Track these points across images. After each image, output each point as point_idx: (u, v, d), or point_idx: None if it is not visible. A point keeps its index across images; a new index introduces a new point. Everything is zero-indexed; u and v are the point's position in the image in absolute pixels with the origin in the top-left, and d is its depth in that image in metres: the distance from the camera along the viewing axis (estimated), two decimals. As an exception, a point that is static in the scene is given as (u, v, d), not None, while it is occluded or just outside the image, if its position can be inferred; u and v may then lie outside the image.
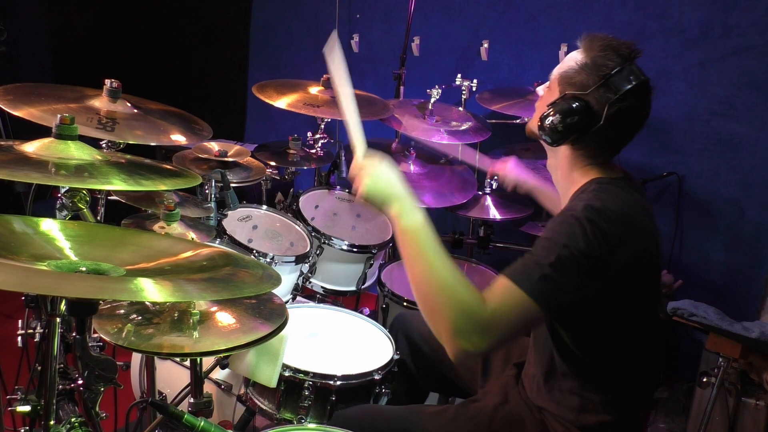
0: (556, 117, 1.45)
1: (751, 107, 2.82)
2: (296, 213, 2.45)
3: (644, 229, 1.45)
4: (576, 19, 3.10)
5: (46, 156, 1.30)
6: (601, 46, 1.43)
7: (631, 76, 1.40)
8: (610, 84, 1.40)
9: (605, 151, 1.50)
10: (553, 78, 1.52)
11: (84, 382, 1.29)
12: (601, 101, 1.41)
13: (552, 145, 1.51)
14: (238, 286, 1.15)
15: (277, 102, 2.45)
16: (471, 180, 2.82)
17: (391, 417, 1.65)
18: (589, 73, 1.42)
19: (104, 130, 1.68)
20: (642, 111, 1.45)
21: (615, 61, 1.41)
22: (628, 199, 1.45)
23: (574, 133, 1.45)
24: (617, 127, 1.44)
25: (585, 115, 1.42)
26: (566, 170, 1.54)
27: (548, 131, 1.48)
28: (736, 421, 2.36)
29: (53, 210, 1.61)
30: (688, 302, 2.35)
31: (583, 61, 1.45)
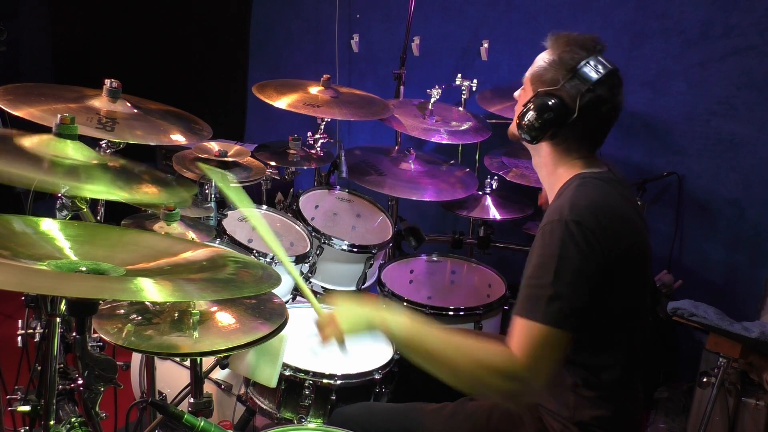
0: (532, 114, 1.48)
1: (751, 107, 2.82)
2: (296, 213, 2.45)
3: (629, 220, 1.47)
4: (576, 19, 3.10)
5: (43, 152, 1.30)
6: (565, 42, 1.49)
7: (598, 66, 1.45)
8: (578, 76, 1.45)
9: (585, 143, 1.53)
10: (526, 79, 1.56)
11: (84, 382, 1.29)
12: (573, 93, 1.45)
13: (532, 142, 1.54)
14: (238, 286, 1.15)
15: (276, 102, 2.45)
16: (471, 180, 2.82)
17: (390, 414, 1.65)
18: (558, 68, 1.47)
19: (104, 130, 1.68)
20: (614, 99, 1.48)
21: (580, 54, 1.46)
22: (612, 192, 1.48)
23: (550, 127, 1.48)
24: (592, 117, 1.47)
25: (559, 109, 1.46)
26: (550, 167, 1.57)
27: (526, 129, 1.51)
28: (736, 421, 2.36)
29: (53, 210, 1.61)
30: (688, 302, 2.34)
31: (550, 59, 1.50)
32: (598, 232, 1.36)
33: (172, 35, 4.10)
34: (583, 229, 1.36)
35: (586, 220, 1.37)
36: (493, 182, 2.84)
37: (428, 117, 2.82)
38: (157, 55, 4.11)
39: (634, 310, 1.50)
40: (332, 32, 3.69)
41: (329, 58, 3.73)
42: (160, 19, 4.13)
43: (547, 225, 1.42)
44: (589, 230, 1.36)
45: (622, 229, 1.42)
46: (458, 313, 2.30)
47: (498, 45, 3.25)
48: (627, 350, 1.51)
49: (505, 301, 2.43)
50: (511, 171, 2.83)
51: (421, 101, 2.89)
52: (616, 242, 1.39)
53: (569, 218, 1.37)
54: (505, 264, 2.98)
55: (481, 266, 2.66)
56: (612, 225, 1.40)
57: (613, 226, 1.40)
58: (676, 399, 2.73)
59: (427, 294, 2.66)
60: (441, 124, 2.80)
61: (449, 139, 2.76)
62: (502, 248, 2.90)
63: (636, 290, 1.50)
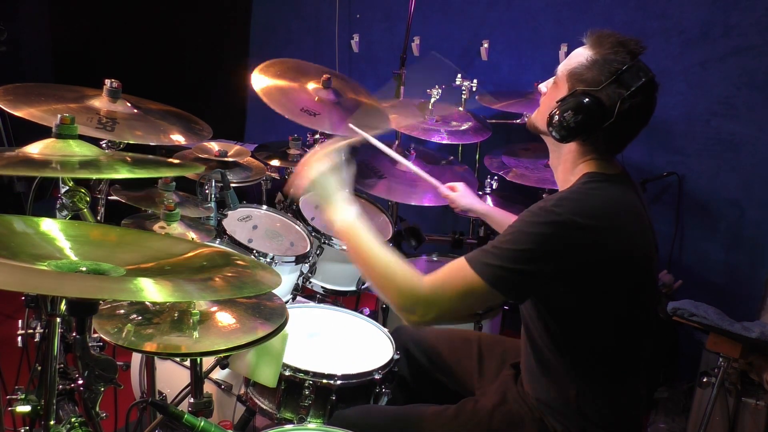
0: (568, 113, 1.45)
1: (751, 107, 2.82)
2: (296, 213, 2.45)
3: (624, 229, 1.44)
4: (576, 19, 3.10)
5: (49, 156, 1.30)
6: (611, 43, 1.44)
7: (640, 73, 1.42)
8: (621, 81, 1.41)
9: (612, 147, 1.51)
10: (560, 74, 1.52)
11: (84, 382, 1.29)
12: (613, 97, 1.41)
13: (561, 141, 1.50)
14: (238, 286, 1.15)
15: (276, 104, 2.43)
16: (471, 180, 2.81)
17: (391, 417, 1.65)
18: (600, 69, 1.43)
19: (104, 130, 1.68)
20: (650, 107, 1.46)
21: (625, 58, 1.42)
22: (618, 198, 1.46)
23: (585, 128, 1.45)
24: (627, 123, 1.45)
25: (596, 112, 1.43)
26: (569, 165, 1.54)
27: (558, 127, 1.47)
28: (736, 421, 2.36)
29: (53, 210, 1.61)
30: (688, 302, 2.34)
31: (593, 58, 1.45)
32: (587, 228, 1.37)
33: (173, 35, 4.10)
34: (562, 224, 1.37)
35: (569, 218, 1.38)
36: (493, 182, 2.84)
37: (428, 117, 2.82)
38: (157, 55, 4.11)
39: (637, 309, 1.50)
40: (332, 32, 3.69)
41: (329, 58, 3.73)
42: (160, 19, 4.13)
43: (536, 207, 1.43)
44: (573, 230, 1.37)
45: (611, 237, 1.41)
46: (458, 313, 2.29)
47: (498, 45, 3.25)
48: (632, 352, 1.51)
49: (505, 302, 2.42)
50: (511, 171, 2.83)
51: (421, 101, 2.89)
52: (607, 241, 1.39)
53: (554, 209, 1.39)
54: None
55: (481, 266, 2.66)
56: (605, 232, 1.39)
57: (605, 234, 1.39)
58: (676, 399, 2.73)
59: (427, 294, 2.66)
60: (441, 124, 2.80)
61: (449, 139, 2.75)
62: (502, 248, 2.90)
63: (638, 291, 1.49)
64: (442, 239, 2.94)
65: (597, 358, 1.49)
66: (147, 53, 4.10)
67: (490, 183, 2.84)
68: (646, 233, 1.50)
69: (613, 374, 1.51)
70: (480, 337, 1.95)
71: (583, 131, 1.45)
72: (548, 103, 1.54)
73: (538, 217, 1.40)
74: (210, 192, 2.11)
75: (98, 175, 1.33)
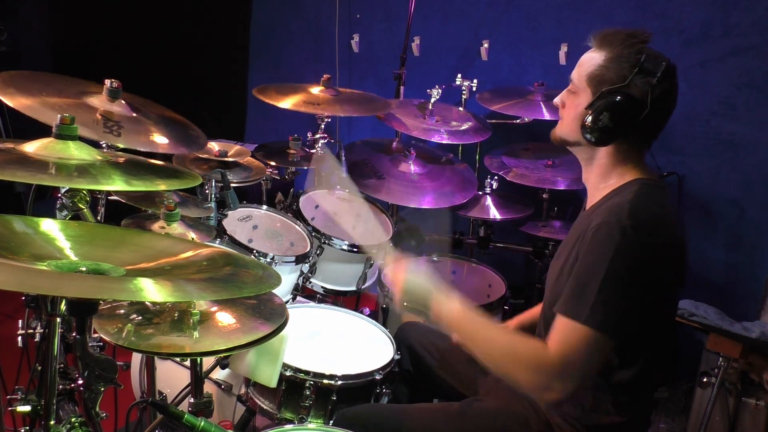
0: (603, 115, 1.43)
1: (751, 107, 2.81)
2: (296, 213, 2.45)
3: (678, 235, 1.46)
4: (576, 19, 3.10)
5: (46, 156, 1.30)
6: (621, 39, 1.44)
7: (659, 59, 1.42)
8: (645, 70, 1.41)
9: (646, 140, 1.51)
10: (578, 81, 1.50)
11: (84, 382, 1.29)
12: (643, 88, 1.41)
13: (601, 144, 1.48)
14: (238, 286, 1.15)
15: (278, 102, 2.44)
16: (471, 180, 2.82)
17: (395, 415, 1.65)
18: (620, 65, 1.42)
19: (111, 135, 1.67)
20: (675, 90, 1.46)
21: (641, 48, 1.42)
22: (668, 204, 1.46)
23: (624, 126, 1.43)
24: (661, 111, 1.45)
25: (631, 106, 1.42)
26: (605, 168, 1.52)
27: (596, 132, 1.45)
28: (736, 421, 2.36)
29: (53, 210, 1.61)
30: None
31: (608, 56, 1.44)
32: (654, 242, 1.35)
33: (173, 35, 4.10)
34: (642, 238, 1.34)
35: (646, 231, 1.35)
36: (493, 182, 2.84)
37: (428, 117, 2.82)
38: (157, 54, 4.10)
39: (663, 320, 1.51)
40: (332, 32, 3.69)
41: (329, 58, 3.73)
42: (161, 19, 4.13)
43: (603, 224, 1.38)
44: (646, 238, 1.34)
45: (673, 243, 1.41)
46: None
47: (498, 45, 3.25)
48: (652, 357, 1.51)
49: (505, 301, 2.43)
50: (511, 171, 2.83)
51: (422, 101, 2.89)
52: (666, 255, 1.39)
53: (628, 223, 1.35)
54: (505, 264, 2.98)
55: (481, 266, 2.66)
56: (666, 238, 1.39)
57: (667, 239, 1.39)
58: (676, 399, 2.73)
59: (427, 294, 2.66)
60: (441, 124, 2.80)
61: (449, 139, 2.75)
62: (502, 248, 2.90)
63: (672, 302, 1.52)
64: (442, 239, 2.94)
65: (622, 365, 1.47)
66: (147, 53, 4.09)
67: (490, 183, 2.84)
68: (685, 240, 1.51)
69: (630, 380, 1.49)
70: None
71: (622, 129, 1.44)
72: (573, 113, 1.51)
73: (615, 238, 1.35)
74: (210, 192, 2.11)
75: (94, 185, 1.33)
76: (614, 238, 1.34)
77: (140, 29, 4.16)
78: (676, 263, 1.43)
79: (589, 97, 1.47)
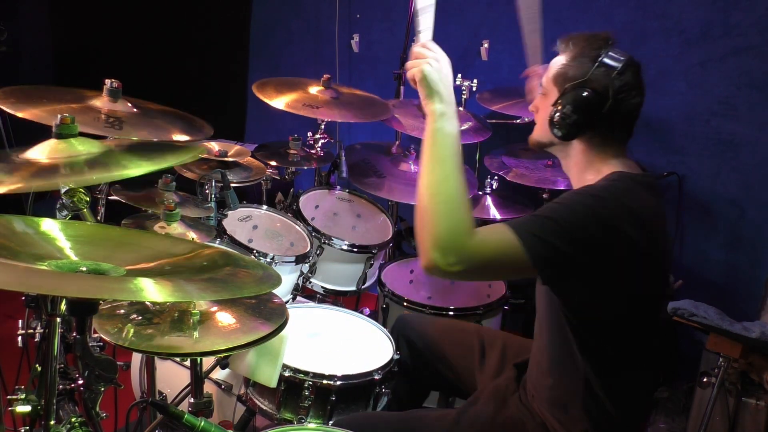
0: (567, 108, 1.46)
1: (751, 107, 2.81)
2: (296, 213, 2.45)
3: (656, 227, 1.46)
4: (576, 19, 3.10)
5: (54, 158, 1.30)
6: (583, 38, 1.50)
7: (619, 54, 1.46)
8: (604, 64, 1.45)
9: (618, 135, 1.51)
10: (546, 84, 1.55)
11: (84, 382, 1.29)
12: (604, 80, 1.44)
13: (568, 138, 1.51)
14: (238, 286, 1.15)
15: (275, 101, 2.44)
16: (471, 180, 2.82)
17: (391, 422, 1.65)
18: (582, 61, 1.47)
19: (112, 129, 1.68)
20: (640, 85, 1.48)
21: (601, 44, 1.47)
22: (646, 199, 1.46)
23: (588, 119, 1.46)
24: (625, 102, 1.46)
25: (593, 98, 1.45)
26: (582, 165, 1.54)
27: (561, 125, 1.48)
28: (736, 421, 2.36)
29: (53, 210, 1.61)
30: (688, 302, 2.34)
31: (571, 56, 1.50)
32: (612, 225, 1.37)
33: (173, 35, 4.10)
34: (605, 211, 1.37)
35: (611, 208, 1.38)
36: (493, 182, 2.84)
37: (428, 117, 2.81)
38: (157, 55, 4.10)
39: (648, 315, 1.50)
40: (332, 32, 3.69)
41: (329, 58, 3.73)
42: (160, 19, 4.13)
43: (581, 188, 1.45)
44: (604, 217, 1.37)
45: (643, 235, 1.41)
46: (458, 313, 2.30)
47: (498, 45, 3.25)
48: (641, 354, 1.51)
49: (505, 301, 2.43)
50: (511, 171, 2.83)
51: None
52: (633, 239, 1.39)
53: (602, 194, 1.40)
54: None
55: (481, 266, 2.66)
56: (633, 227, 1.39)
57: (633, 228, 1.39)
58: (676, 399, 2.73)
59: (427, 294, 2.66)
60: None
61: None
62: (502, 248, 2.90)
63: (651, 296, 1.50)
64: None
65: (611, 355, 1.49)
66: (147, 53, 4.09)
67: (490, 183, 2.84)
68: (666, 238, 1.52)
69: (623, 372, 1.50)
70: (480, 330, 1.95)
71: (587, 122, 1.46)
72: (543, 113, 1.56)
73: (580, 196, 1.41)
74: (210, 192, 2.11)
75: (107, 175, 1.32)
76: (579, 196, 1.41)
77: (140, 29, 4.16)
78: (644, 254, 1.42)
79: (556, 96, 1.51)
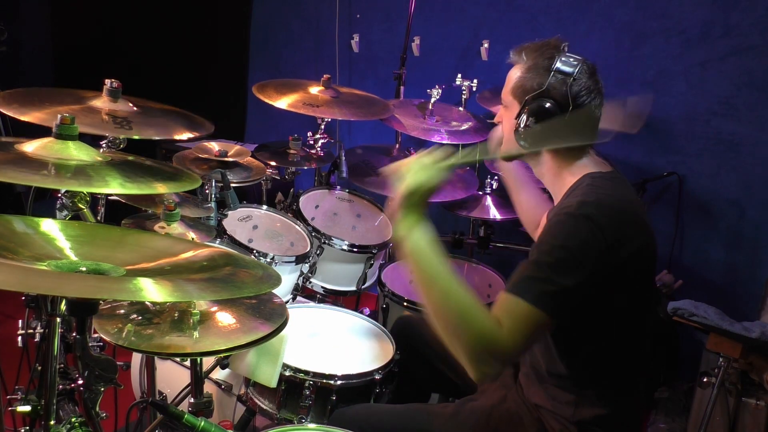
0: (530, 120, 1.49)
1: (751, 107, 2.82)
2: (296, 213, 2.45)
3: (640, 223, 1.47)
4: (576, 19, 3.10)
5: (45, 156, 1.30)
6: (533, 49, 1.52)
7: (571, 59, 1.48)
8: (559, 71, 1.47)
9: (583, 137, 1.53)
10: (506, 98, 1.58)
11: (84, 382, 1.29)
12: (561, 88, 1.47)
13: (536, 148, 1.54)
14: (238, 286, 1.15)
15: (277, 102, 2.44)
16: (471, 180, 2.82)
17: (391, 415, 1.65)
18: (537, 72, 1.49)
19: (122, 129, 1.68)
20: (597, 85, 1.50)
21: (552, 53, 1.49)
22: (622, 193, 1.48)
23: (551, 128, 1.48)
24: (585, 106, 1.48)
25: (553, 107, 1.47)
26: (554, 171, 1.56)
27: (526, 137, 1.52)
28: (736, 421, 2.36)
29: (53, 210, 1.61)
30: (688, 302, 2.35)
31: (525, 68, 1.52)
32: (606, 229, 1.36)
33: (173, 35, 4.10)
34: (592, 224, 1.36)
35: (596, 217, 1.37)
36: (493, 182, 2.84)
37: (428, 117, 2.82)
38: (157, 55, 4.10)
39: (639, 309, 1.50)
40: (332, 32, 3.69)
41: (329, 58, 3.73)
42: (161, 19, 4.13)
43: (555, 216, 1.42)
44: (597, 226, 1.36)
45: (632, 230, 1.42)
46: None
47: (498, 45, 3.25)
48: (630, 349, 1.52)
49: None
50: (511, 171, 2.82)
51: (422, 101, 2.89)
52: (624, 242, 1.38)
53: (579, 212, 1.38)
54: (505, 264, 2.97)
55: (481, 266, 2.66)
56: (621, 225, 1.40)
57: (622, 226, 1.40)
58: (676, 399, 2.73)
59: (428, 294, 2.66)
60: (441, 124, 2.80)
61: (449, 139, 2.75)
62: (502, 248, 2.90)
63: (642, 290, 1.50)
64: (442, 239, 2.93)
65: (597, 362, 1.49)
66: (147, 53, 4.09)
67: (490, 183, 2.84)
68: (648, 230, 1.51)
69: (612, 377, 1.51)
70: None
71: (551, 131, 1.49)
72: (507, 126, 1.59)
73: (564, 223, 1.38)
74: (210, 192, 2.11)
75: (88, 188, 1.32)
76: (566, 225, 1.38)
77: (140, 29, 4.16)
78: (640, 249, 1.42)
79: (517, 108, 1.53)
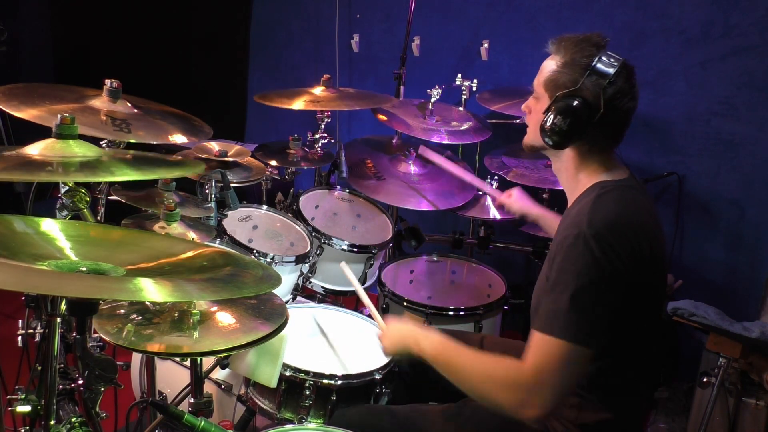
0: (558, 118, 1.46)
1: (751, 107, 2.82)
2: (296, 213, 2.45)
3: (648, 231, 1.45)
4: (576, 19, 3.10)
5: (49, 157, 1.30)
6: (573, 43, 1.48)
7: (612, 60, 1.45)
8: (596, 72, 1.44)
9: (608, 141, 1.52)
10: (538, 88, 1.56)
11: (84, 382, 1.29)
12: (595, 90, 1.44)
13: (559, 147, 1.52)
14: (238, 286, 1.15)
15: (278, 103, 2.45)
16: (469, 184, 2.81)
17: (392, 416, 1.65)
18: (573, 68, 1.46)
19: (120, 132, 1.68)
20: (633, 90, 1.48)
21: (592, 51, 1.45)
22: (631, 202, 1.46)
23: (578, 128, 1.46)
24: (616, 111, 1.46)
25: (584, 108, 1.44)
26: (571, 171, 1.55)
27: (552, 134, 1.49)
28: (736, 421, 2.36)
29: (53, 210, 1.61)
30: (688, 302, 2.35)
31: (562, 62, 1.49)
32: (617, 246, 1.36)
33: (173, 35, 4.10)
34: (604, 244, 1.35)
35: (606, 235, 1.36)
36: (493, 182, 2.83)
37: (428, 117, 2.82)
38: (157, 55, 4.10)
39: (646, 316, 1.50)
40: (332, 32, 3.69)
41: (329, 58, 3.73)
42: (161, 19, 4.13)
43: (566, 239, 1.40)
44: (608, 245, 1.35)
45: (640, 239, 1.41)
46: (458, 313, 2.30)
47: (498, 45, 3.25)
48: (635, 354, 1.51)
49: (505, 301, 2.43)
50: (511, 171, 2.83)
51: (422, 101, 2.89)
52: (635, 255, 1.38)
53: (588, 233, 1.36)
54: (505, 264, 2.98)
55: (481, 266, 2.66)
56: (629, 237, 1.39)
57: (630, 238, 1.39)
58: (676, 399, 2.73)
59: (427, 294, 2.66)
60: (441, 124, 2.80)
61: (449, 139, 2.75)
62: (502, 248, 2.90)
63: (651, 298, 1.50)
64: (442, 239, 2.94)
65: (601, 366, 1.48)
66: (147, 53, 4.09)
67: (490, 183, 2.83)
68: (660, 235, 1.51)
69: (615, 381, 1.50)
70: (483, 338, 1.95)
71: (577, 131, 1.47)
72: (535, 118, 1.56)
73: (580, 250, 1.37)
74: (210, 192, 2.11)
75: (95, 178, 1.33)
76: (579, 250, 1.37)
77: (140, 29, 4.16)
78: (648, 260, 1.42)
79: (547, 102, 1.51)
